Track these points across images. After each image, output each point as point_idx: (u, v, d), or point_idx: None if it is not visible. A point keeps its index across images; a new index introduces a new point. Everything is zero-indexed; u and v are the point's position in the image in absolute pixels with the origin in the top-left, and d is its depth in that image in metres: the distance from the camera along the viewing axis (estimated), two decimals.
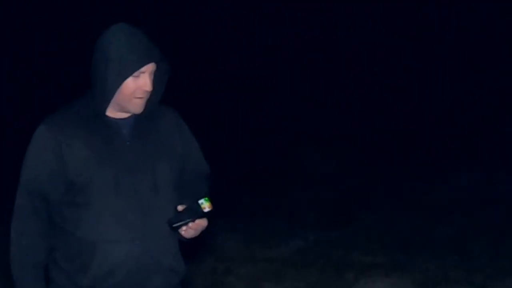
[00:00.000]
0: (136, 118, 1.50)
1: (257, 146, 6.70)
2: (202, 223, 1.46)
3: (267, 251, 3.97)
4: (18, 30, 11.12)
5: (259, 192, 5.21)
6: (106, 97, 1.42)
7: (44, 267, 1.51)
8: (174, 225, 1.43)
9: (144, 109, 1.48)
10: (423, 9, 9.62)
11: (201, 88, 9.31)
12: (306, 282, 3.48)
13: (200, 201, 1.42)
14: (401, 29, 9.46)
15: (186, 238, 1.51)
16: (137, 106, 1.45)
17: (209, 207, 1.42)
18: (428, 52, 8.95)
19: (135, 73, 1.40)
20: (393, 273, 3.65)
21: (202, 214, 1.43)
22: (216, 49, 12.65)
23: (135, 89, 1.42)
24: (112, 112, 1.48)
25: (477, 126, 7.25)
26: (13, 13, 10.90)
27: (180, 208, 1.45)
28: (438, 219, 4.55)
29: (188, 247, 1.58)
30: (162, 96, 1.54)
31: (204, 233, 1.52)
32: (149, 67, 1.42)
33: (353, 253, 3.93)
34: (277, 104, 9.55)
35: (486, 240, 4.16)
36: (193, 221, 1.43)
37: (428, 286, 3.53)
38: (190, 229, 1.45)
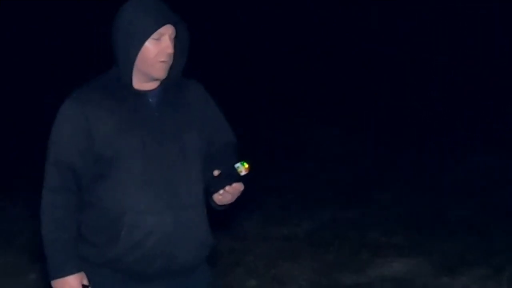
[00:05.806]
0: (163, 89, 1.46)
1: (274, 126, 6.69)
2: (238, 187, 1.41)
3: (284, 231, 4.00)
4: (17, 30, 11.10)
5: (275, 171, 5.15)
6: (129, 63, 1.38)
7: (75, 245, 1.42)
8: (212, 189, 1.40)
9: (169, 78, 1.44)
10: (424, 9, 9.67)
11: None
12: (322, 262, 3.51)
13: (237, 165, 1.38)
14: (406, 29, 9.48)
15: (220, 205, 1.46)
16: (160, 70, 1.40)
17: (246, 170, 1.37)
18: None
19: (155, 35, 1.37)
20: (409, 253, 3.63)
21: (238, 178, 1.39)
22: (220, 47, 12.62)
23: (157, 52, 1.38)
24: (138, 84, 1.43)
25: (489, 110, 7.14)
26: (13, 13, 10.88)
27: (216, 173, 1.40)
28: (453, 201, 4.54)
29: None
30: (185, 65, 1.50)
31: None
32: (168, 29, 1.39)
33: (369, 233, 3.93)
34: (296, 84, 8.74)
35: (502, 222, 4.09)
36: (230, 184, 1.38)
37: (445, 267, 3.48)
38: (227, 193, 1.40)
